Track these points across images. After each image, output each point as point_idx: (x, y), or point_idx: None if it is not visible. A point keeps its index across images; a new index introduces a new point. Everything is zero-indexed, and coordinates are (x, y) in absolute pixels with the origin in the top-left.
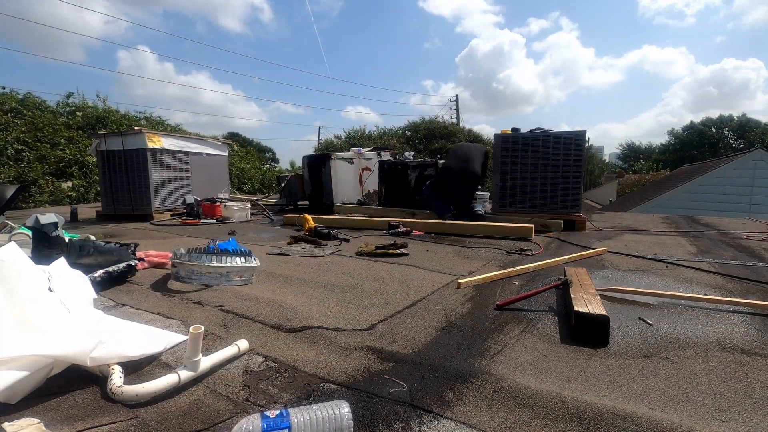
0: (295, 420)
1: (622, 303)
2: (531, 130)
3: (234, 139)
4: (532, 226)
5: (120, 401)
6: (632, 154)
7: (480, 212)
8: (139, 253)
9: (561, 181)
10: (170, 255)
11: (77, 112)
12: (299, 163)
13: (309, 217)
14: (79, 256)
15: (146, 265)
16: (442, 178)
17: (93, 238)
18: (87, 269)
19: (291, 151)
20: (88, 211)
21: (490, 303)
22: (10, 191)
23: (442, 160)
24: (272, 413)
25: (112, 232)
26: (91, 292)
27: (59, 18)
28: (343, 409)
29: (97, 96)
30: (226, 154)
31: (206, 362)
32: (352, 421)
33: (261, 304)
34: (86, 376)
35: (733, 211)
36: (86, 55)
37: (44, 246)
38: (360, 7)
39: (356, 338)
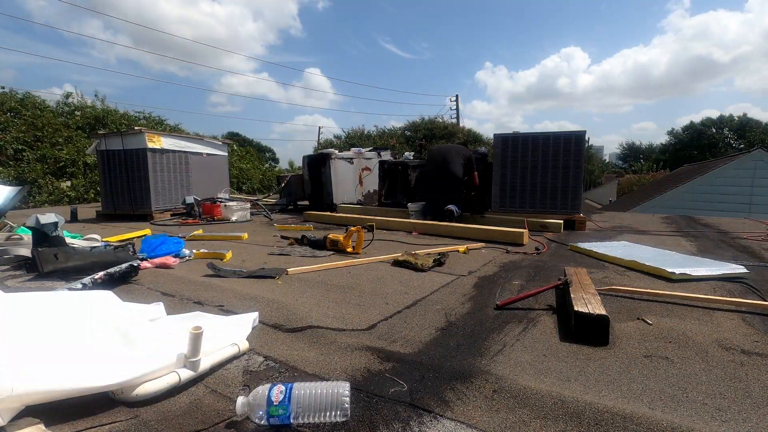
0: (297, 392)
1: (622, 303)
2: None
3: (234, 139)
4: (526, 231)
5: (120, 401)
6: (632, 154)
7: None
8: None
9: (561, 181)
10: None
11: (76, 112)
12: (299, 163)
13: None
14: (61, 261)
15: (149, 265)
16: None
17: (98, 238)
18: (82, 273)
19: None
20: (88, 211)
21: (490, 303)
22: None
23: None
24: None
25: (113, 233)
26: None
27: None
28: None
29: (95, 95)
30: (226, 153)
31: (206, 362)
32: (348, 397)
33: (261, 303)
34: None
35: (733, 211)
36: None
37: (44, 246)
38: None
39: (356, 338)
